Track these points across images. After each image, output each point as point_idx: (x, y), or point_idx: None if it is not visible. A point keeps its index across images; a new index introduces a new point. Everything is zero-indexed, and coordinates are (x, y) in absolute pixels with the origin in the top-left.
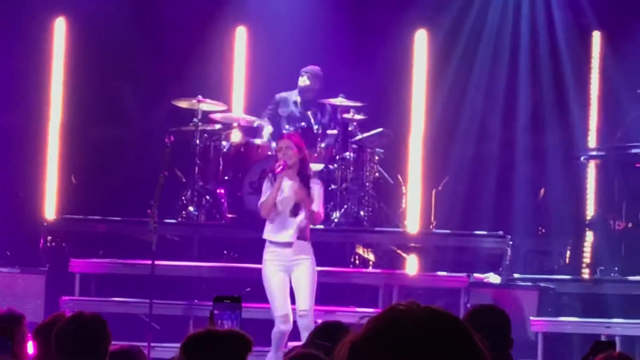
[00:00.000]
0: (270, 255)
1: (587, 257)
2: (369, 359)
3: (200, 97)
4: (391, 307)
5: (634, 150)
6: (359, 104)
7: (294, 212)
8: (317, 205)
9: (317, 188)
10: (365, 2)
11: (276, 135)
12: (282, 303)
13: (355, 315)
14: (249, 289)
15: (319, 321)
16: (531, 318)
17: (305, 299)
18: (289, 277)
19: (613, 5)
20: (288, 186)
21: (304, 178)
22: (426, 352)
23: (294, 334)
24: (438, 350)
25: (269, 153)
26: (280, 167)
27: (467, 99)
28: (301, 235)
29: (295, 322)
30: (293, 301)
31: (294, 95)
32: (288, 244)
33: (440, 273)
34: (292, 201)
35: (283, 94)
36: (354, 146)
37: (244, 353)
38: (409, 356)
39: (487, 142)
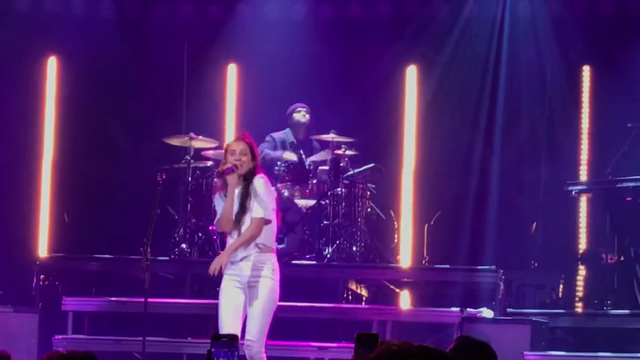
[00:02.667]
0: (229, 272)
1: (579, 291)
2: None
3: (192, 134)
4: (384, 345)
5: (624, 184)
6: (350, 140)
7: (237, 220)
8: (259, 210)
9: (259, 183)
10: (356, 39)
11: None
12: (227, 321)
13: (348, 351)
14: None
15: (312, 358)
16: (524, 353)
17: (253, 326)
18: (245, 297)
19: (602, 40)
20: (234, 195)
21: (247, 180)
22: None
23: None
24: None
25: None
26: (226, 168)
27: (458, 133)
28: (257, 246)
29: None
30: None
31: (289, 136)
32: (242, 260)
33: (433, 308)
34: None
35: (278, 136)
36: (346, 182)
37: None
38: None
39: (478, 176)
